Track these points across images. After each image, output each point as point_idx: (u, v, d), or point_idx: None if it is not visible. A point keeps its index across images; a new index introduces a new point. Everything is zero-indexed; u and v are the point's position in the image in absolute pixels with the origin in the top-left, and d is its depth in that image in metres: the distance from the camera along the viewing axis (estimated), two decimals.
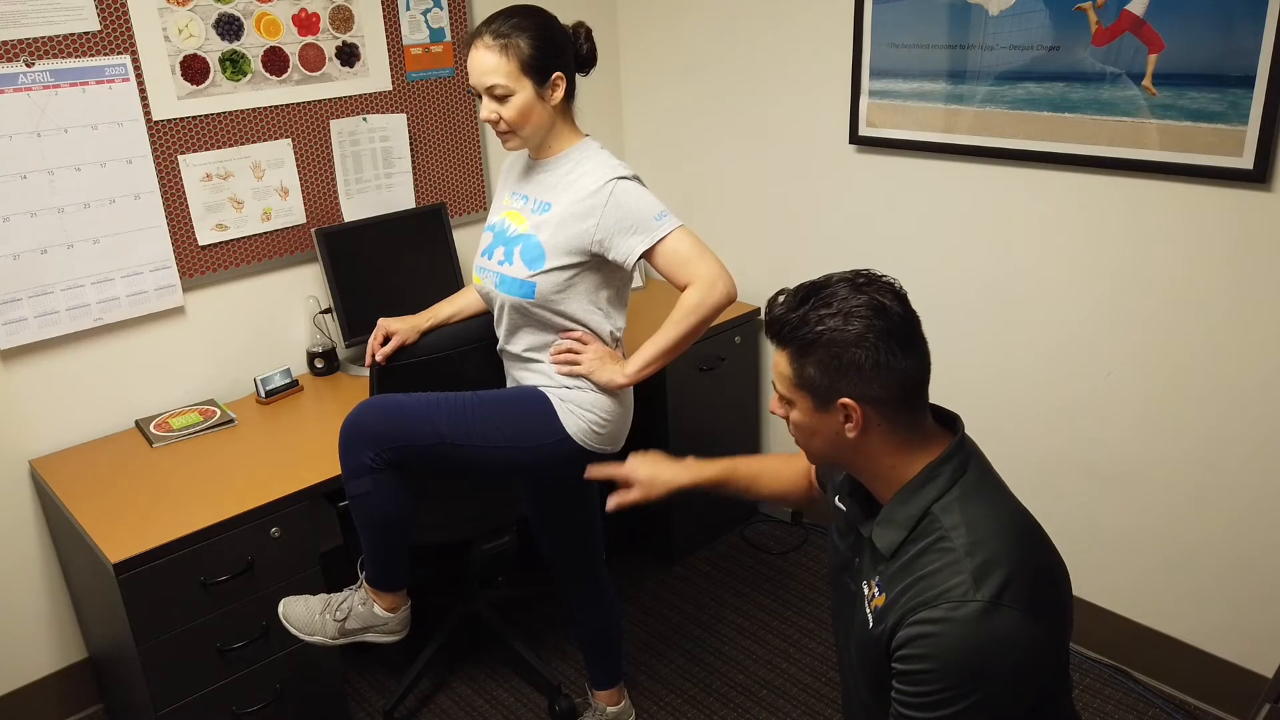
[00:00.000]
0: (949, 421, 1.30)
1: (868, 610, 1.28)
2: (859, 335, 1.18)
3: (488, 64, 1.76)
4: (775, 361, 1.27)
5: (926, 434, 1.26)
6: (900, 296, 1.23)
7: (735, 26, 2.80)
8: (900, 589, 1.21)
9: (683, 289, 1.82)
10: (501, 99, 1.78)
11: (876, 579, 1.26)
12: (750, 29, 2.76)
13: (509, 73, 1.76)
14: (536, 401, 1.89)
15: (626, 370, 1.87)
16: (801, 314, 1.21)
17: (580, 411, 1.89)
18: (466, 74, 1.83)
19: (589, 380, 1.88)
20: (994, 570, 1.14)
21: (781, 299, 1.25)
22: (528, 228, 1.86)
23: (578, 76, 1.87)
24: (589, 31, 1.87)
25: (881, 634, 1.23)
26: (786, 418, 1.30)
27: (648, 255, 1.81)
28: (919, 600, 1.17)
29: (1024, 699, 1.18)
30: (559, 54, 1.81)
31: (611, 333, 1.93)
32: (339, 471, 2.07)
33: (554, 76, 1.79)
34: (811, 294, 1.23)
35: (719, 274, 1.80)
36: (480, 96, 1.81)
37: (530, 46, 1.76)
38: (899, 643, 1.18)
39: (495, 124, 1.82)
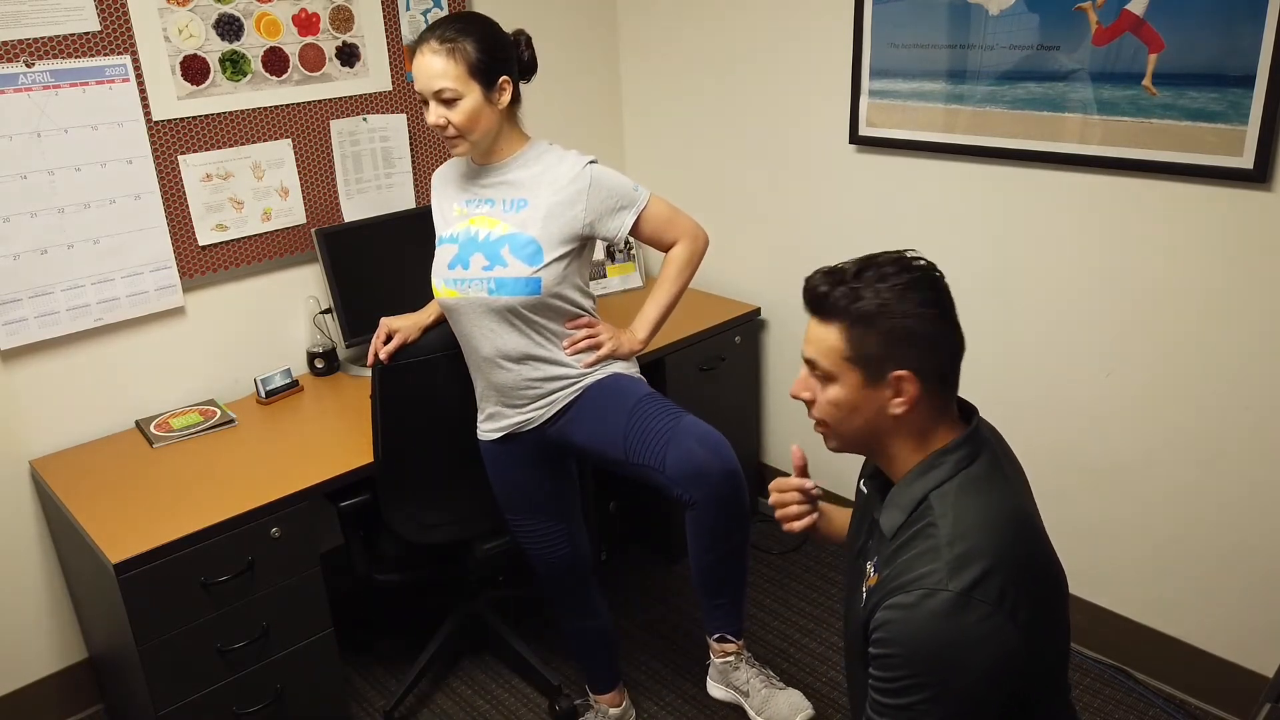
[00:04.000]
0: (968, 413, 1.31)
1: (863, 589, 1.29)
2: (919, 305, 1.20)
3: (435, 68, 1.77)
4: (819, 338, 1.24)
5: (950, 420, 1.27)
6: (942, 276, 1.25)
7: (736, 27, 2.80)
8: (888, 571, 1.22)
9: (668, 247, 1.98)
10: (450, 103, 1.79)
11: (876, 559, 1.28)
12: (750, 29, 2.76)
13: (457, 76, 1.77)
14: (619, 379, 1.97)
15: (639, 336, 2.01)
16: (854, 288, 1.21)
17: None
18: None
19: (613, 356, 1.98)
20: (971, 563, 1.14)
21: (824, 275, 1.25)
22: (507, 228, 1.87)
23: (520, 84, 1.90)
24: (529, 39, 1.91)
25: (866, 614, 1.24)
26: (813, 400, 1.28)
27: (634, 225, 1.92)
28: (895, 584, 1.18)
29: (994, 696, 1.17)
30: (505, 59, 1.83)
31: (593, 308, 2.01)
32: (339, 471, 2.09)
33: (500, 80, 1.81)
34: (863, 269, 1.23)
35: (696, 225, 2.02)
36: (427, 102, 1.82)
37: (477, 50, 1.77)
38: (875, 624, 1.19)
39: (443, 129, 1.81)
